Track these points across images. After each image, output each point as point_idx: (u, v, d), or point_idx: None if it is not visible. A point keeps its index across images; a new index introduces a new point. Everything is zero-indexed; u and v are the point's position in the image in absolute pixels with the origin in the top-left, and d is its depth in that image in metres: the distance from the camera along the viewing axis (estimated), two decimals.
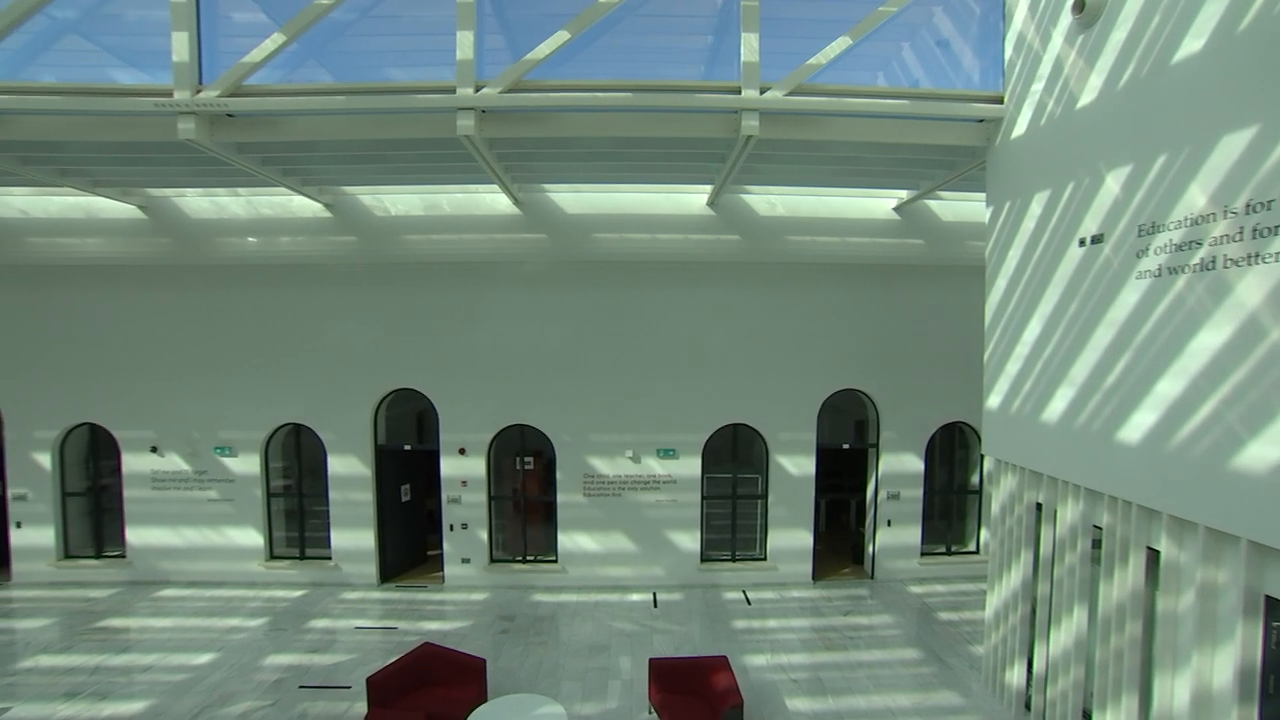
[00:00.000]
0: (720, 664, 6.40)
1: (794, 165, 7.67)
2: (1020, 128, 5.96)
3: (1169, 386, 4.30)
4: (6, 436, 9.85)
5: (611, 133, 6.23)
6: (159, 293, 9.52)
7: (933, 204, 8.87)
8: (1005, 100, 6.18)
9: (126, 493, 9.88)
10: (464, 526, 9.74)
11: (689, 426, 9.65)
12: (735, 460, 9.95)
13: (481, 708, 5.84)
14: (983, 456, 9.99)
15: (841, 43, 6.02)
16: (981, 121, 6.35)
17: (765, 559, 9.91)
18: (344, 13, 6.12)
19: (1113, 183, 4.84)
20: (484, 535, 9.77)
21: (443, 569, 9.86)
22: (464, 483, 9.68)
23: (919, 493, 9.96)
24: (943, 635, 8.16)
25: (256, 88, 5.96)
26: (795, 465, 9.79)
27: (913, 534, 9.98)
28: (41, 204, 8.74)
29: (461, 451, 9.65)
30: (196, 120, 5.95)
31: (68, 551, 10.12)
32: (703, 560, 9.85)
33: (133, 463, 9.85)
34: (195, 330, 9.61)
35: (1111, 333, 4.83)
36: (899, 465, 9.92)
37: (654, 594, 9.46)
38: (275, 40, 5.83)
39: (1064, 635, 5.52)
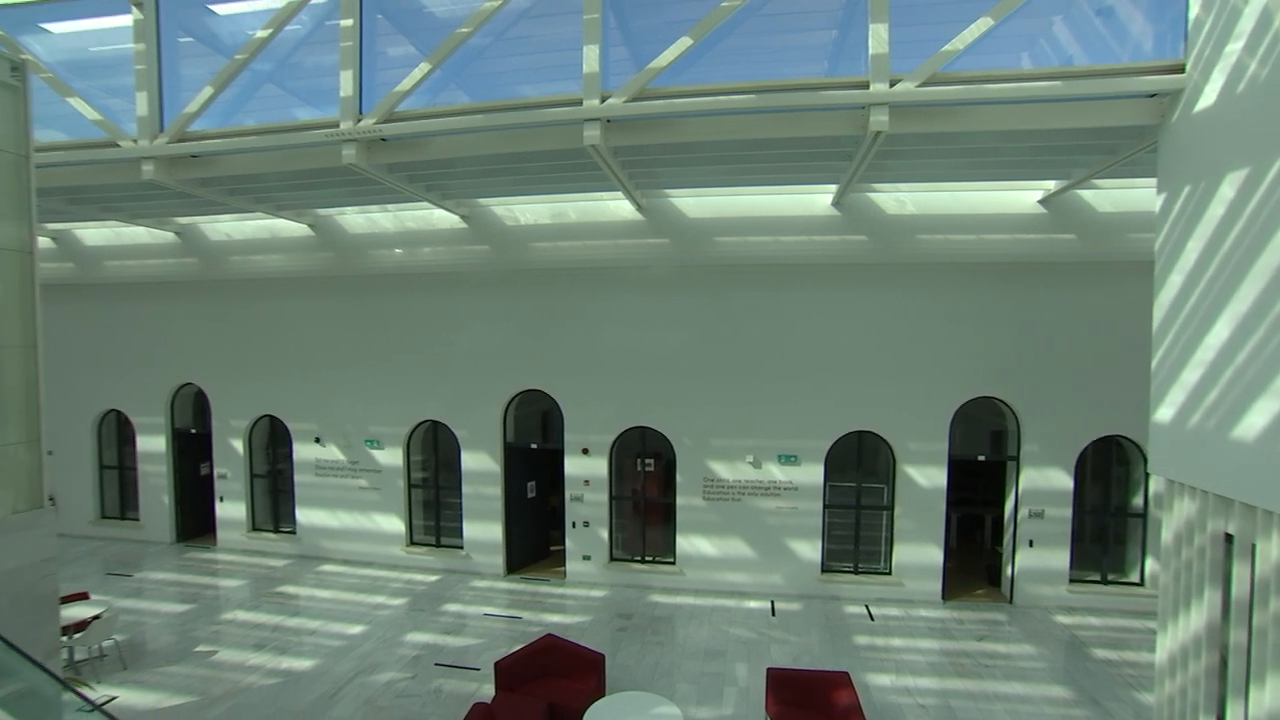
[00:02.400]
0: (841, 680, 6.16)
1: (926, 160, 7.22)
2: (1208, 98, 5.19)
3: None
4: (213, 424, 11.60)
5: (735, 135, 6.19)
6: (323, 301, 10.78)
7: (1086, 194, 7.98)
8: (1187, 68, 5.40)
9: (296, 477, 11.27)
10: (585, 524, 10.10)
11: (811, 432, 9.38)
12: (860, 469, 9.53)
13: (600, 702, 5.99)
14: (1148, 476, 8.91)
15: (982, 24, 5.58)
16: (1154, 96, 5.61)
17: (890, 573, 9.40)
18: (481, 38, 6.55)
19: None
20: (604, 534, 10.07)
21: (564, 564, 10.28)
22: (586, 482, 10.03)
23: (1067, 512, 9.00)
24: (1099, 675, 7.30)
25: (405, 113, 6.55)
26: (924, 476, 9.21)
27: (1059, 558, 9.03)
28: (239, 227, 10.22)
29: (585, 451, 10.01)
30: (357, 146, 6.65)
31: (254, 524, 11.73)
32: (823, 571, 9.52)
33: (301, 451, 11.21)
34: (351, 334, 10.77)
35: None
36: (1043, 481, 9.02)
37: (772, 602, 9.28)
38: (422, 69, 6.38)
39: (1271, 697, 4.69)
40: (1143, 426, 6.14)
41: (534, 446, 10.62)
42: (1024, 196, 8.10)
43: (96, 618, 7.36)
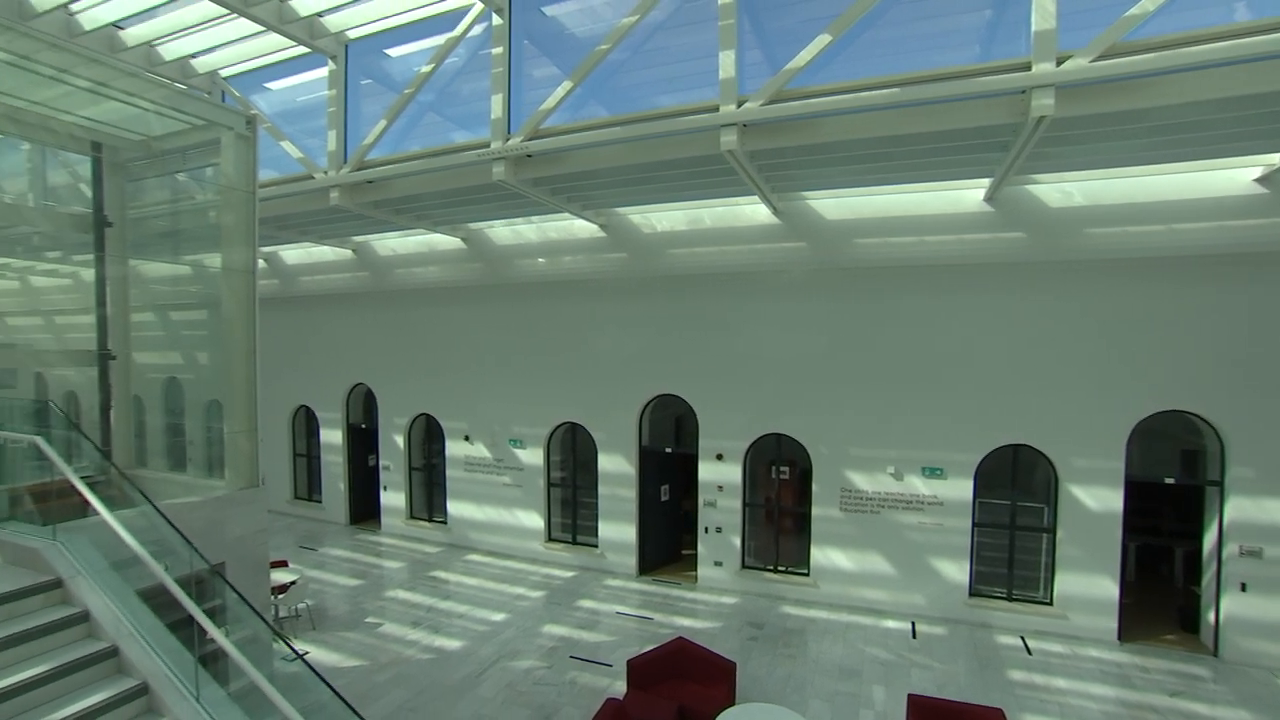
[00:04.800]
0: (995, 717, 5.62)
1: (1100, 144, 6.41)
2: None
3: None
4: (379, 421, 13.01)
5: (877, 133, 5.92)
6: (473, 308, 11.71)
7: None
8: None
9: (448, 472, 12.30)
10: (718, 530, 10.06)
11: (960, 445, 8.68)
12: (1014, 486, 8.67)
13: (730, 710, 5.91)
14: None
15: None
16: None
17: (1051, 604, 8.45)
18: (619, 53, 6.82)
19: None
20: (737, 541, 9.97)
21: (696, 569, 10.30)
22: (720, 487, 10.00)
23: None
24: None
25: (549, 129, 6.99)
26: (1094, 498, 8.18)
27: None
28: (403, 243, 11.44)
29: (719, 457, 9.99)
30: (505, 163, 7.20)
31: (412, 513, 12.98)
32: (971, 594, 8.76)
33: (453, 448, 12.23)
34: (498, 339, 11.59)
35: None
36: (1259, 513, 7.63)
37: (912, 623, 8.70)
38: (564, 87, 6.78)
39: None
40: None
41: (668, 450, 10.77)
42: (1234, 175, 6.95)
43: (294, 583, 8.55)
